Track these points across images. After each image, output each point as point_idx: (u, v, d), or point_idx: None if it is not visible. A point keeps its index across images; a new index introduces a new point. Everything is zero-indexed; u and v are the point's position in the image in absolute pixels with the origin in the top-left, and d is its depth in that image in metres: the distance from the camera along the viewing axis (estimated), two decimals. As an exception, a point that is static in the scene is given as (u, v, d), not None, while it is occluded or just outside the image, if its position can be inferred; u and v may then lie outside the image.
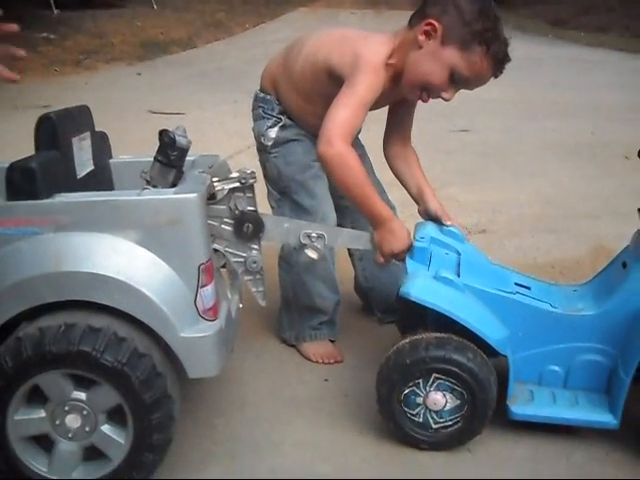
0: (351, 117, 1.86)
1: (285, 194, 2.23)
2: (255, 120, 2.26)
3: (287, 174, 2.19)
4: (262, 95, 2.24)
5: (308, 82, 2.09)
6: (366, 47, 1.93)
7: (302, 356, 2.33)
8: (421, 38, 1.86)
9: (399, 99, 2.07)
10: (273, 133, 2.20)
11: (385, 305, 2.49)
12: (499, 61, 1.87)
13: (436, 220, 2.05)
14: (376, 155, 2.33)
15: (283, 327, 2.39)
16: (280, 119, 2.20)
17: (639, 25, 10.52)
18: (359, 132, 2.17)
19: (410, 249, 1.91)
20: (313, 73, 2.06)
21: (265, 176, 2.29)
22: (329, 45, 2.03)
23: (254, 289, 1.87)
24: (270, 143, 2.21)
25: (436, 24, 1.83)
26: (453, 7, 1.82)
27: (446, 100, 1.93)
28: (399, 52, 1.92)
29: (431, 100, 1.96)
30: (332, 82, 1.98)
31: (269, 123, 2.20)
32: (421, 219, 2.13)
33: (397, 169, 2.21)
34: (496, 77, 1.92)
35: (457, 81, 1.88)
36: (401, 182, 2.21)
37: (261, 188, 1.98)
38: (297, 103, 2.16)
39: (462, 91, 1.97)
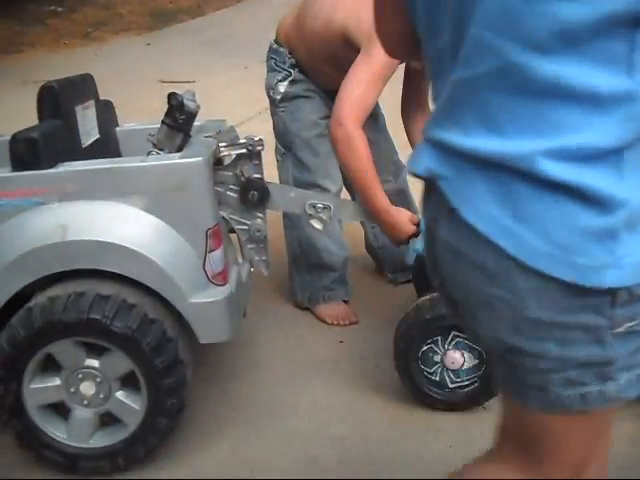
0: (366, 94, 1.81)
1: (290, 149, 2.22)
2: (268, 71, 2.24)
3: (293, 130, 2.18)
4: (275, 47, 2.21)
5: (319, 42, 2.03)
6: None
7: (316, 318, 2.32)
8: None
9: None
10: (282, 87, 2.17)
11: (396, 265, 2.46)
12: None
13: None
14: (392, 116, 2.30)
15: (295, 289, 2.37)
16: (290, 73, 2.16)
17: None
18: None
19: (417, 231, 1.87)
20: (326, 34, 1.99)
21: (274, 129, 2.28)
22: (345, 7, 1.94)
23: (257, 257, 1.85)
24: (279, 97, 2.19)
25: None
26: None
27: None
28: None
29: None
30: (345, 46, 1.91)
31: (279, 77, 2.17)
32: None
33: (411, 136, 2.17)
34: None
35: None
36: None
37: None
38: (307, 59, 2.12)
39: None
